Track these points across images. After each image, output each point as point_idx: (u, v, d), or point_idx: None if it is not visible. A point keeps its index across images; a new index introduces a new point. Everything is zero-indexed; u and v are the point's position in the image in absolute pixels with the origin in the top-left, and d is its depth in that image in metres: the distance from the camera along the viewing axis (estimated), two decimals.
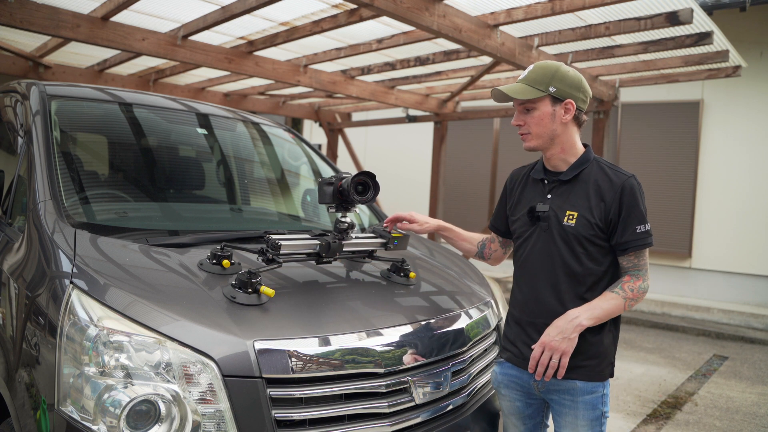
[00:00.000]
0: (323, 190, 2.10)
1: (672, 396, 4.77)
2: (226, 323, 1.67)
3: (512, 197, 2.12)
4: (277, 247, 1.92)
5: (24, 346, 1.75)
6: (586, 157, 1.96)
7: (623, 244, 1.86)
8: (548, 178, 1.99)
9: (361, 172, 2.07)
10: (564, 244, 1.89)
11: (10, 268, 1.97)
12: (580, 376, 1.88)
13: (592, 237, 1.86)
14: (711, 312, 7.71)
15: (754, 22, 7.86)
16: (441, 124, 8.47)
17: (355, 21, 4.71)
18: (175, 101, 3.12)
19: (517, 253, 2.05)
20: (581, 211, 1.88)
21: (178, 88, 8.22)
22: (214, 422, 1.56)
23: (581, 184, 1.92)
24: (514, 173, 2.18)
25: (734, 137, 8.17)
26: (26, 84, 2.63)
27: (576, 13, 4.55)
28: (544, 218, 1.94)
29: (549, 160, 1.99)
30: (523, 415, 2.04)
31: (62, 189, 2.15)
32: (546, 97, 1.90)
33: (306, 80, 6.60)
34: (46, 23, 4.62)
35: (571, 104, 1.90)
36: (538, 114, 1.91)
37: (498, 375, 2.08)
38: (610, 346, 1.95)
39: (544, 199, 1.97)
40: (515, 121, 1.97)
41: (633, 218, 1.85)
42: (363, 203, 2.08)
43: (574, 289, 1.88)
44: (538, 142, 1.94)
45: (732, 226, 8.14)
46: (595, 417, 1.89)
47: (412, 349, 1.89)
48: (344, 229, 2.10)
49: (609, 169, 1.93)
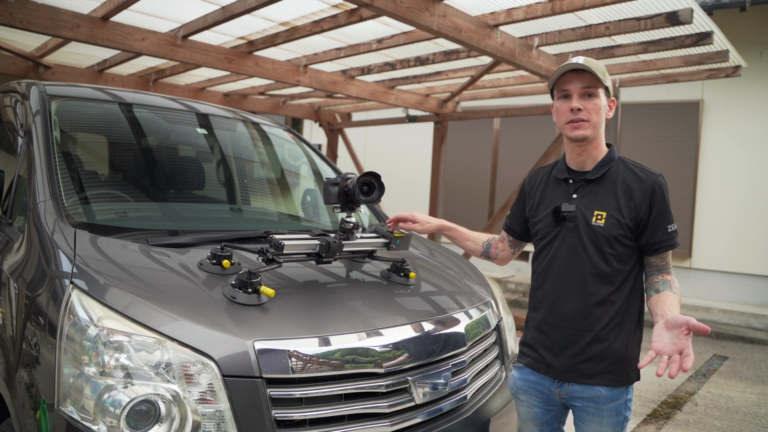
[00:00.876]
0: (329, 191, 2.11)
1: (672, 396, 4.77)
2: (226, 323, 1.67)
3: (532, 198, 2.06)
4: (281, 246, 1.92)
5: (24, 346, 1.75)
6: (611, 156, 1.92)
7: (654, 244, 1.82)
8: (573, 177, 1.94)
9: (367, 172, 2.08)
10: (592, 245, 1.84)
11: (10, 268, 1.97)
12: (606, 381, 1.84)
13: (620, 237, 1.82)
14: (711, 312, 7.70)
15: (754, 22, 7.85)
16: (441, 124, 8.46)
17: (355, 21, 4.70)
18: (175, 101, 3.12)
19: (539, 255, 2.00)
20: (610, 210, 1.84)
21: (178, 88, 8.22)
22: (214, 422, 1.56)
23: (608, 183, 1.88)
24: (533, 174, 2.13)
25: (734, 137, 8.16)
26: (26, 84, 2.63)
27: (576, 13, 4.54)
28: (570, 218, 1.88)
29: (579, 156, 1.93)
30: (541, 422, 2.01)
31: (62, 189, 2.15)
32: (603, 88, 1.87)
33: (306, 80, 6.60)
34: (46, 23, 4.61)
35: (614, 102, 1.93)
36: (599, 102, 1.86)
37: (517, 380, 2.05)
38: (635, 350, 1.90)
39: (570, 199, 1.91)
40: (575, 104, 1.85)
41: (663, 218, 1.82)
42: (368, 203, 2.10)
43: (601, 291, 1.84)
44: (592, 132, 1.87)
45: (732, 226, 8.14)
46: (618, 422, 1.87)
47: (412, 349, 1.89)
48: (349, 229, 2.11)
49: (637, 168, 1.89)
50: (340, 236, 2.09)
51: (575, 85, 1.86)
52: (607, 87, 1.87)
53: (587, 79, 1.85)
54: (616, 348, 1.85)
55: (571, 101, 1.87)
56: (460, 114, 8.45)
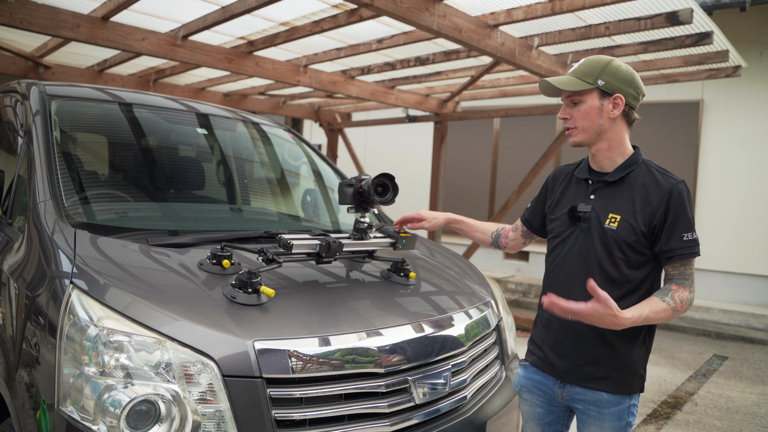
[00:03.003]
0: (343, 191, 2.18)
1: (672, 396, 4.77)
2: (226, 323, 1.67)
3: (553, 195, 2.05)
4: (289, 246, 1.94)
5: (24, 346, 1.75)
6: (634, 159, 1.87)
7: (668, 252, 1.75)
8: (593, 178, 1.91)
9: (381, 174, 2.13)
10: (603, 248, 1.81)
11: (10, 268, 1.97)
12: (607, 387, 1.82)
13: (633, 243, 1.77)
14: (711, 312, 7.70)
15: (754, 22, 7.85)
16: (441, 124, 8.46)
17: (355, 21, 4.70)
18: (175, 101, 3.12)
19: (552, 253, 1.98)
20: (624, 215, 1.80)
21: (178, 88, 8.22)
22: (214, 422, 1.56)
23: (627, 186, 1.83)
24: (557, 171, 2.10)
25: (734, 137, 8.16)
26: (26, 84, 2.63)
27: (576, 13, 4.54)
28: (584, 219, 1.86)
29: (594, 158, 1.91)
30: (543, 422, 2.00)
31: (62, 189, 2.15)
32: (594, 90, 1.82)
33: (306, 80, 6.60)
34: (46, 23, 4.62)
35: (620, 99, 1.82)
36: (585, 107, 1.84)
37: (521, 378, 2.04)
38: (641, 359, 1.86)
39: (587, 200, 1.89)
40: (561, 114, 1.89)
41: (680, 225, 1.74)
42: (383, 204, 2.15)
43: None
44: (584, 137, 1.86)
45: (732, 226, 8.14)
46: (620, 427, 1.84)
47: (412, 349, 1.89)
48: (364, 229, 2.19)
49: (658, 173, 1.83)
50: (354, 236, 2.17)
51: (563, 94, 1.89)
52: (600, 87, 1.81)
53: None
54: (620, 354, 1.82)
55: None
56: (460, 114, 8.45)
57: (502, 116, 8.08)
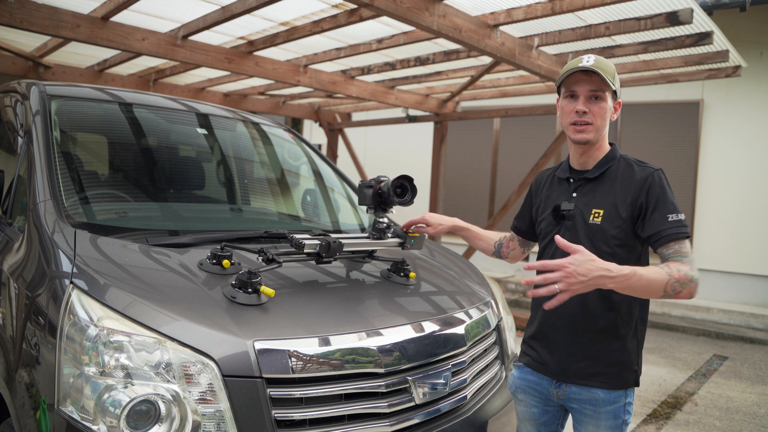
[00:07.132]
0: (363, 192, 2.24)
1: (672, 396, 4.77)
2: (226, 323, 1.67)
3: (538, 198, 2.08)
4: (302, 246, 1.96)
5: (24, 346, 1.75)
6: (612, 155, 1.90)
7: (656, 234, 1.74)
8: (574, 177, 1.94)
9: (400, 176, 2.19)
10: (589, 244, 1.81)
11: (10, 268, 1.97)
12: (601, 383, 1.83)
13: (619, 235, 1.80)
14: (711, 312, 7.71)
15: (754, 22, 7.85)
16: (441, 124, 8.46)
17: (355, 21, 4.71)
18: (175, 101, 3.12)
19: (542, 253, 2.00)
20: (607, 208, 1.83)
21: (178, 88, 8.22)
22: (214, 422, 1.56)
23: (608, 181, 1.87)
24: (539, 175, 2.14)
25: (734, 137, 8.16)
26: (26, 84, 2.63)
27: (576, 13, 4.54)
28: (569, 217, 1.89)
29: (581, 157, 1.93)
30: (538, 422, 2.01)
31: (62, 189, 2.15)
32: (611, 91, 1.84)
33: (306, 80, 6.60)
34: (46, 23, 4.62)
35: (620, 105, 1.90)
36: (604, 105, 1.83)
37: (516, 379, 2.05)
38: (634, 353, 1.87)
39: (570, 198, 1.92)
40: (581, 106, 1.83)
41: (663, 207, 1.76)
42: (402, 205, 2.20)
43: (599, 291, 1.78)
44: (596, 135, 1.86)
45: (732, 226, 8.14)
46: (616, 426, 1.85)
47: (412, 349, 1.89)
48: (382, 229, 2.25)
49: (635, 165, 1.87)
50: (372, 236, 2.24)
51: (583, 86, 1.84)
52: (615, 90, 1.84)
53: (596, 81, 1.82)
54: (612, 350, 1.83)
55: (577, 102, 1.85)
56: (460, 114, 8.45)
57: (502, 116, 8.09)
